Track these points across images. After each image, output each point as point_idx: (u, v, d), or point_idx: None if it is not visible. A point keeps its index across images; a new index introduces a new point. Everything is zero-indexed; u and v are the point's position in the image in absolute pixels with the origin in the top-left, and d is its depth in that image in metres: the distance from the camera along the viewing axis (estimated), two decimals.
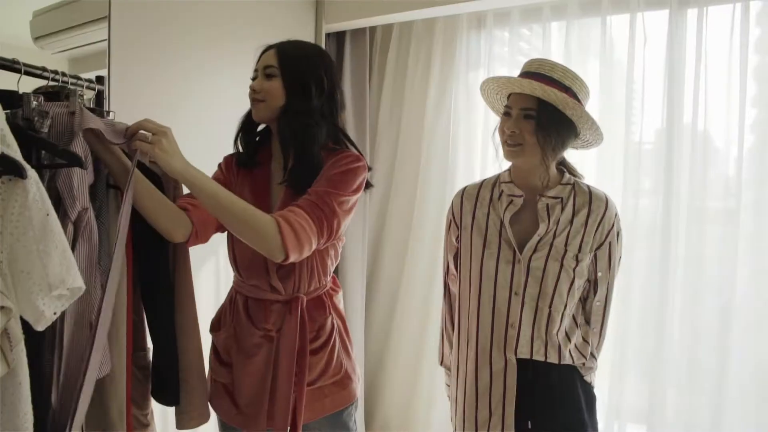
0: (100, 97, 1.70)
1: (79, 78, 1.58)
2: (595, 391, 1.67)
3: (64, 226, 1.16)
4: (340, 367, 1.60)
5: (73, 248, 1.20)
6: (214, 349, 1.64)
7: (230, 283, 2.44)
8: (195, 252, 1.79)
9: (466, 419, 1.63)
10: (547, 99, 1.47)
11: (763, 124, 2.24)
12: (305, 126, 1.46)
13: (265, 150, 1.58)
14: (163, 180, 1.52)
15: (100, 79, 1.71)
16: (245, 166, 1.57)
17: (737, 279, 2.25)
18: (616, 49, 2.47)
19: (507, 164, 1.70)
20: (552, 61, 1.55)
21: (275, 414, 1.50)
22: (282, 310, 1.52)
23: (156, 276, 1.54)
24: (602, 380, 1.72)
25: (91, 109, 1.38)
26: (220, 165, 1.65)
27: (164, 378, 1.56)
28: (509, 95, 1.57)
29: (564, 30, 2.55)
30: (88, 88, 1.62)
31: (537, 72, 1.51)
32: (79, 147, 1.24)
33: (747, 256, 2.25)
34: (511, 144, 1.52)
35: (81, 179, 1.23)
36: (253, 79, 1.53)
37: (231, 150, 2.36)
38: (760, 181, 2.23)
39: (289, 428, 1.51)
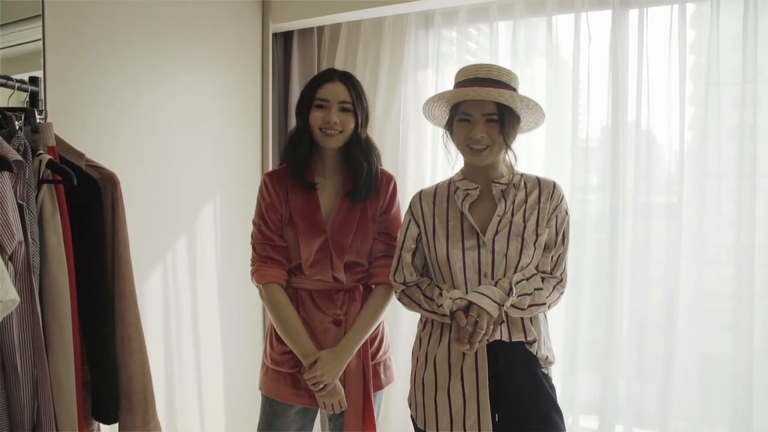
0: (34, 99, 1.62)
1: (9, 78, 1.51)
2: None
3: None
4: (387, 346, 1.95)
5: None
6: (277, 345, 1.85)
7: (180, 291, 2.39)
8: (138, 257, 1.73)
9: (438, 404, 1.65)
10: (512, 104, 1.58)
11: (700, 121, 2.32)
12: (373, 151, 1.85)
13: (308, 169, 1.83)
14: (100, 185, 1.49)
15: (33, 80, 1.63)
16: (301, 185, 1.81)
17: (681, 271, 2.32)
18: (561, 49, 2.52)
19: (458, 164, 1.76)
20: (492, 65, 1.65)
21: (349, 387, 1.79)
22: (345, 297, 1.82)
23: (90, 283, 1.49)
24: (554, 374, 1.75)
25: None
26: (266, 185, 1.85)
27: (100, 393, 1.51)
28: (457, 103, 1.64)
29: (511, 29, 2.58)
30: (20, 89, 1.55)
31: (487, 78, 1.59)
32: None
33: (689, 249, 2.32)
34: (479, 148, 1.59)
35: (15, 210, 1.18)
36: (319, 107, 1.76)
37: (180, 150, 2.32)
38: (698, 177, 2.31)
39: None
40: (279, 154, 2.87)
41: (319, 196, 1.83)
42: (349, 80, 1.80)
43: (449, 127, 1.71)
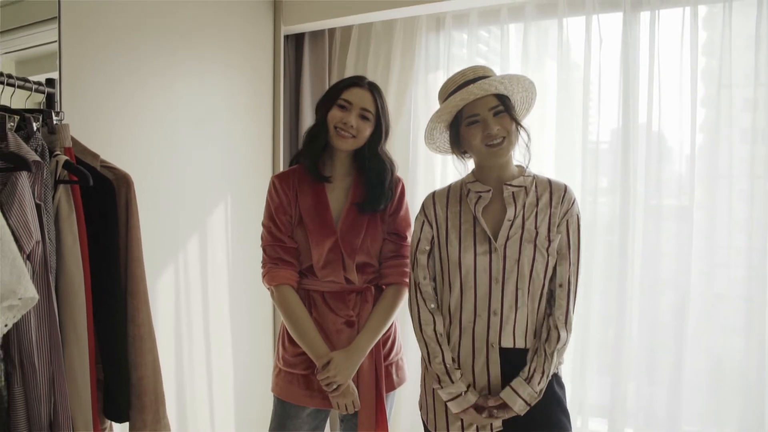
0: (50, 101, 1.64)
1: (27, 80, 1.53)
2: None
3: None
4: (399, 347, 1.95)
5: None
6: (289, 346, 1.86)
7: (191, 291, 2.40)
8: (150, 257, 1.75)
9: (449, 410, 1.66)
10: (510, 90, 1.62)
11: (711, 123, 2.31)
12: (393, 167, 1.86)
13: (319, 165, 1.84)
14: (114, 185, 1.51)
15: (50, 82, 1.66)
16: (314, 176, 1.82)
17: (692, 274, 2.31)
18: (572, 51, 2.51)
19: (466, 167, 1.77)
20: (474, 66, 1.68)
21: (362, 388, 1.80)
22: (357, 298, 1.83)
23: (104, 283, 1.50)
24: (564, 376, 1.75)
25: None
26: (275, 187, 1.85)
27: (112, 392, 1.52)
28: (456, 115, 1.65)
29: (522, 32, 2.58)
30: (37, 91, 1.57)
31: (476, 77, 1.62)
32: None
33: (700, 251, 2.31)
34: (497, 142, 1.60)
35: (33, 210, 1.20)
36: (341, 106, 1.77)
37: (192, 151, 2.32)
38: (710, 179, 2.30)
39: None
40: (290, 155, 2.89)
41: (328, 196, 1.84)
42: (377, 91, 1.83)
43: (455, 142, 1.70)
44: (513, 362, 1.63)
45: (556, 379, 1.68)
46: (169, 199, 2.27)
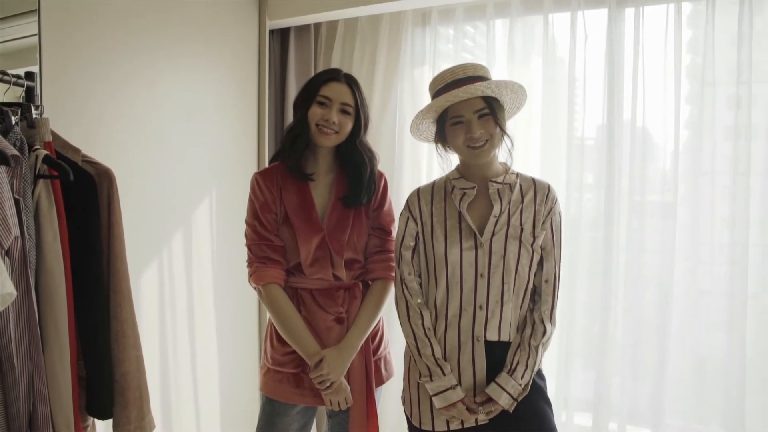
0: (30, 95, 1.62)
1: (5, 74, 1.51)
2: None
3: None
4: (387, 341, 1.96)
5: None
6: (278, 345, 1.84)
7: (175, 288, 2.38)
8: (134, 254, 1.73)
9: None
10: (497, 94, 1.62)
11: (695, 120, 2.33)
12: (374, 158, 1.86)
13: (304, 162, 1.83)
14: (96, 181, 1.49)
15: (29, 75, 1.63)
16: (297, 175, 1.80)
17: (675, 270, 2.33)
18: (558, 47, 2.52)
19: (450, 164, 1.77)
20: (464, 64, 1.67)
21: (353, 384, 1.80)
22: (345, 295, 1.82)
23: (85, 279, 1.49)
24: (549, 371, 1.76)
25: None
26: (258, 184, 1.82)
27: (95, 389, 1.51)
28: (441, 111, 1.67)
29: (507, 27, 2.58)
30: (16, 84, 1.55)
31: (465, 77, 1.62)
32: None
33: (684, 248, 2.33)
34: (479, 145, 1.61)
35: (11, 205, 1.18)
36: (320, 103, 1.75)
37: (177, 147, 2.30)
38: (694, 176, 2.32)
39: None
40: (275, 150, 2.87)
41: (312, 193, 1.83)
42: (354, 84, 1.81)
43: (440, 137, 1.72)
44: (498, 355, 1.65)
45: (537, 372, 1.70)
46: (154, 196, 2.25)
